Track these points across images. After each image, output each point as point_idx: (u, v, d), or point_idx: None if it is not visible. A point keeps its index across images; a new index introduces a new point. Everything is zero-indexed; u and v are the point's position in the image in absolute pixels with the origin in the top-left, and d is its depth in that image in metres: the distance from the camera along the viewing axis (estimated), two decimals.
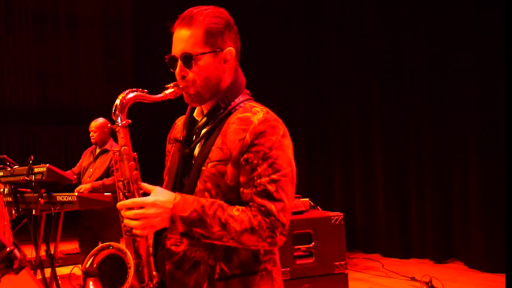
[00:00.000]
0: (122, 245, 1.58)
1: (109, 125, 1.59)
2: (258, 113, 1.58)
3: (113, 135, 5.06)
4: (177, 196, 1.50)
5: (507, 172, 4.67)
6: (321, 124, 7.57)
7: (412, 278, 5.26)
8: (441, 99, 6.11)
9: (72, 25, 11.09)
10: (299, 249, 4.14)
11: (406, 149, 6.56)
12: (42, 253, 4.16)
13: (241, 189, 1.54)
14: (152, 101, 1.62)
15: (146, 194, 1.54)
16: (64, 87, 11.11)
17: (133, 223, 1.48)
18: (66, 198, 4.18)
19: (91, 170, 4.90)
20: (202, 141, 1.63)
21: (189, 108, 1.74)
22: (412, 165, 6.46)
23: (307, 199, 4.61)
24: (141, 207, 1.47)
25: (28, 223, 4.10)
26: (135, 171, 1.57)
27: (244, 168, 1.53)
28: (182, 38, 1.60)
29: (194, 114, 1.72)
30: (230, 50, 1.63)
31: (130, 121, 1.59)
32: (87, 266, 1.56)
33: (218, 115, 1.62)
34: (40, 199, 4.07)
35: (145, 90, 1.61)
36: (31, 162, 4.11)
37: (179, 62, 1.60)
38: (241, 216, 1.49)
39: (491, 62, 5.50)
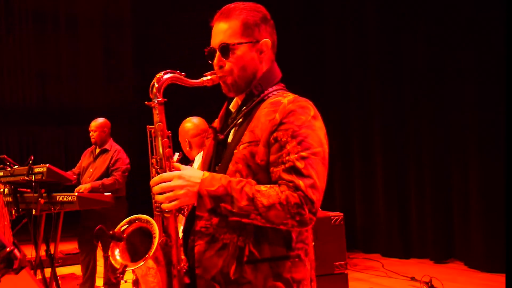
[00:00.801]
0: (149, 218, 1.59)
1: (146, 102, 1.60)
2: (289, 96, 1.63)
3: (113, 135, 5.06)
4: (206, 173, 1.53)
5: (507, 172, 4.67)
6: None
7: (412, 278, 5.26)
8: (441, 99, 6.11)
9: (72, 25, 11.09)
10: None
11: (406, 149, 6.56)
12: (42, 253, 4.16)
13: (271, 169, 1.55)
14: (188, 84, 1.65)
15: None
16: (64, 87, 11.11)
17: (160, 197, 1.51)
18: (66, 198, 4.18)
19: (91, 170, 4.90)
20: (236, 127, 1.66)
21: (225, 103, 1.79)
22: (412, 165, 6.46)
23: None
24: (167, 181, 1.51)
25: (28, 223, 4.10)
26: (168, 149, 1.59)
27: (274, 146, 1.54)
28: (220, 30, 1.67)
29: (230, 107, 1.76)
30: (266, 42, 1.68)
31: (165, 99, 1.61)
32: (117, 232, 1.61)
33: (251, 102, 1.66)
34: (40, 199, 4.07)
35: (183, 73, 1.64)
36: (31, 162, 4.11)
37: (217, 53, 1.66)
38: (269, 191, 1.48)
39: (491, 62, 5.50)
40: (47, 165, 4.12)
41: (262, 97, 1.65)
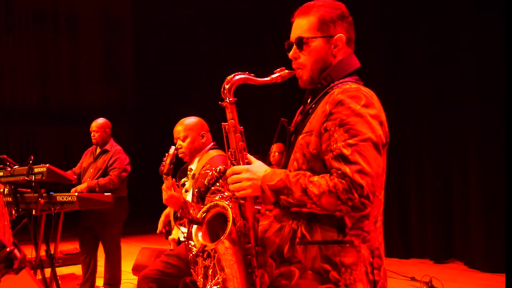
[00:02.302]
0: (225, 204, 1.78)
1: (220, 102, 1.75)
2: (345, 86, 1.67)
3: (113, 135, 5.06)
4: (268, 168, 1.67)
5: (507, 172, 4.67)
6: None
7: (412, 278, 5.26)
8: (441, 99, 6.11)
9: (72, 25, 11.10)
10: None
11: (406, 149, 6.56)
12: (42, 253, 4.15)
13: (324, 157, 1.63)
14: (258, 83, 1.77)
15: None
16: (64, 87, 11.11)
17: (231, 186, 1.69)
18: (66, 198, 4.18)
19: (91, 170, 4.90)
20: (303, 118, 1.77)
21: (304, 97, 1.87)
22: (412, 165, 6.46)
23: None
24: (237, 173, 1.68)
25: (28, 223, 4.10)
26: (241, 142, 1.74)
27: (324, 136, 1.63)
28: (299, 25, 1.76)
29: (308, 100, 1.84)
30: (341, 37, 1.74)
31: (236, 99, 1.74)
32: (198, 217, 1.78)
33: (319, 94, 1.73)
34: (40, 199, 4.07)
35: (252, 74, 1.76)
36: (31, 162, 4.11)
37: (294, 46, 1.76)
38: (320, 181, 1.57)
39: (491, 62, 5.50)
40: (47, 165, 4.11)
41: (327, 89, 1.71)
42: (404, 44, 6.51)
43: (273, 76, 1.78)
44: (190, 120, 3.35)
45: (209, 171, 3.07)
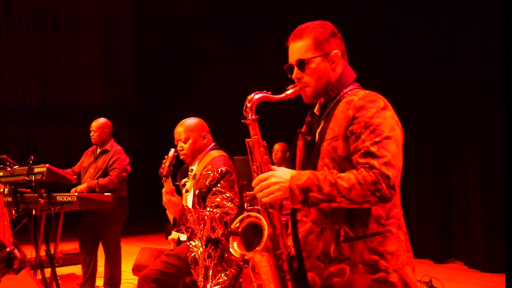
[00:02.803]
0: (258, 214, 1.85)
1: (243, 120, 1.92)
2: (359, 93, 1.85)
3: (113, 135, 5.06)
4: (293, 171, 1.78)
5: (507, 172, 4.67)
6: None
7: None
8: (441, 99, 6.11)
9: (72, 25, 11.10)
10: None
11: (406, 149, 6.51)
12: (42, 253, 4.16)
13: (351, 157, 1.78)
14: (275, 100, 1.93)
15: None
16: (64, 87, 11.11)
17: (259, 193, 1.77)
18: (66, 198, 4.18)
19: (91, 170, 4.90)
20: (320, 127, 1.91)
21: (309, 112, 2.03)
22: (412, 165, 6.46)
23: None
24: (264, 180, 1.77)
25: (28, 223, 4.10)
26: (265, 156, 1.87)
27: (351, 138, 1.78)
28: (296, 48, 1.92)
29: (315, 110, 2.00)
30: (336, 53, 1.92)
31: (257, 116, 1.88)
32: (234, 227, 1.87)
33: (330, 104, 1.90)
34: (40, 199, 4.07)
35: (269, 92, 1.93)
36: (31, 162, 4.11)
37: (295, 68, 1.92)
38: (348, 175, 1.71)
39: (491, 62, 5.50)
40: (47, 165, 4.11)
41: (338, 98, 1.89)
42: (404, 44, 6.51)
43: (287, 92, 1.93)
44: (191, 121, 3.34)
45: (210, 172, 3.06)
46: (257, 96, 1.89)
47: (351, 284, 1.77)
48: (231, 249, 1.85)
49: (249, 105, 1.88)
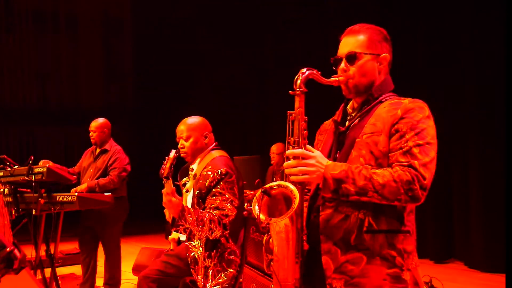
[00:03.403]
0: (293, 187, 1.82)
1: (291, 92, 1.90)
2: (407, 99, 1.91)
3: (113, 135, 5.05)
4: (328, 161, 1.82)
5: (507, 172, 4.67)
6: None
7: None
8: (441, 98, 6.10)
9: (72, 25, 11.11)
10: None
11: None
12: (42, 253, 4.15)
13: (390, 154, 1.82)
14: (321, 82, 1.92)
15: None
16: (64, 87, 11.12)
17: (292, 170, 1.78)
18: (66, 198, 4.18)
19: (91, 170, 4.90)
20: (356, 121, 1.95)
21: (342, 105, 2.07)
22: None
23: None
24: (305, 158, 1.78)
25: (28, 223, 4.10)
26: (305, 131, 1.87)
27: (394, 136, 1.82)
28: (349, 42, 1.97)
29: (348, 107, 2.04)
30: (386, 56, 1.98)
31: (306, 90, 1.87)
32: (267, 188, 1.85)
33: (371, 103, 1.95)
34: (40, 199, 4.06)
35: (319, 72, 1.91)
36: (31, 162, 4.10)
37: (343, 60, 1.96)
38: (383, 172, 1.75)
39: (491, 62, 5.50)
40: (47, 165, 4.11)
41: (380, 99, 1.95)
42: (404, 44, 6.51)
43: (333, 79, 1.95)
44: (194, 120, 3.33)
45: (210, 173, 3.06)
46: (308, 72, 1.90)
47: (365, 274, 1.80)
48: (253, 210, 1.84)
49: (301, 77, 1.88)
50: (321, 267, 1.85)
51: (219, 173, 3.03)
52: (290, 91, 1.88)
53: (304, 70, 1.90)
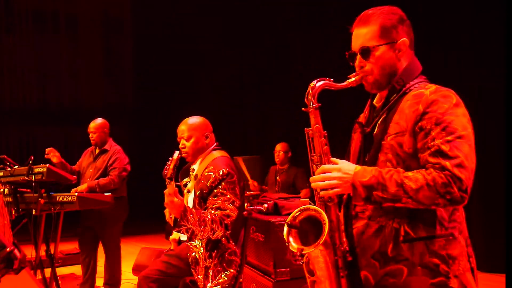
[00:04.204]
0: (317, 207, 1.77)
1: (303, 109, 1.82)
2: (431, 87, 1.76)
3: (113, 135, 5.05)
4: (358, 166, 1.70)
5: (507, 172, 4.67)
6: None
7: None
8: None
9: (72, 25, 11.10)
10: None
11: None
12: (42, 253, 4.15)
13: (419, 155, 1.68)
14: (337, 88, 1.83)
15: None
16: (64, 87, 11.11)
17: (320, 184, 1.70)
18: (66, 198, 4.18)
19: (90, 170, 4.90)
20: (381, 120, 1.80)
21: (369, 98, 1.94)
22: None
23: (307, 199, 4.61)
24: (328, 172, 1.69)
25: (28, 223, 4.10)
26: (325, 146, 1.79)
27: (419, 134, 1.68)
28: (360, 34, 1.82)
29: (374, 102, 1.91)
30: (404, 41, 1.82)
31: (320, 104, 1.79)
32: (291, 220, 1.79)
33: (394, 96, 1.80)
34: (40, 199, 4.06)
35: (331, 79, 1.82)
36: (31, 162, 4.10)
37: (358, 56, 1.82)
38: (416, 176, 1.61)
39: (491, 62, 5.50)
40: (47, 165, 4.11)
41: (404, 91, 1.78)
42: None
43: (349, 80, 1.83)
44: (195, 120, 3.33)
45: (211, 173, 3.06)
46: (319, 83, 1.80)
47: (408, 286, 1.68)
48: (287, 242, 1.77)
49: (311, 92, 1.79)
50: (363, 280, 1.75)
51: (221, 173, 3.03)
52: (303, 108, 1.80)
53: (314, 82, 1.80)
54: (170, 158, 2.78)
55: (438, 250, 1.68)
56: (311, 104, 1.78)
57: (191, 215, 2.81)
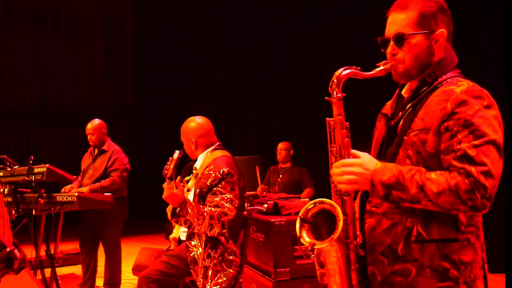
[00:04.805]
0: (332, 201, 1.72)
1: (327, 98, 1.73)
2: (463, 85, 1.64)
3: (112, 135, 5.04)
4: (378, 163, 1.62)
5: (507, 172, 4.66)
6: (322, 124, 7.55)
7: None
8: None
9: (72, 25, 11.10)
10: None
11: None
12: (42, 253, 4.16)
13: (442, 156, 1.60)
14: (364, 77, 1.74)
15: None
16: (64, 87, 11.11)
17: (339, 178, 1.64)
18: (66, 198, 4.18)
19: (90, 171, 4.89)
20: (407, 113, 1.71)
21: (398, 88, 1.84)
22: None
23: (307, 199, 4.61)
24: (348, 166, 1.62)
25: (28, 223, 4.10)
26: (347, 138, 1.70)
27: (444, 135, 1.59)
28: (397, 20, 1.72)
29: (402, 92, 1.81)
30: (442, 32, 1.71)
31: (344, 94, 1.70)
32: (304, 214, 1.74)
33: (424, 90, 1.69)
34: (40, 199, 4.07)
35: (358, 68, 1.73)
36: (31, 162, 4.11)
37: (391, 42, 1.72)
38: (438, 179, 1.54)
39: (491, 62, 5.50)
40: (47, 165, 4.11)
41: (435, 85, 1.68)
42: None
43: (377, 69, 1.75)
44: (187, 124, 3.36)
45: (212, 172, 3.07)
46: (345, 72, 1.71)
47: (414, 287, 1.63)
48: (299, 237, 1.72)
49: (336, 81, 1.70)
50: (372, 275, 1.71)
51: (221, 172, 3.04)
52: (326, 97, 1.71)
53: (340, 70, 1.71)
54: (170, 158, 2.79)
55: (450, 254, 1.62)
56: (335, 93, 1.69)
57: (190, 207, 2.82)
